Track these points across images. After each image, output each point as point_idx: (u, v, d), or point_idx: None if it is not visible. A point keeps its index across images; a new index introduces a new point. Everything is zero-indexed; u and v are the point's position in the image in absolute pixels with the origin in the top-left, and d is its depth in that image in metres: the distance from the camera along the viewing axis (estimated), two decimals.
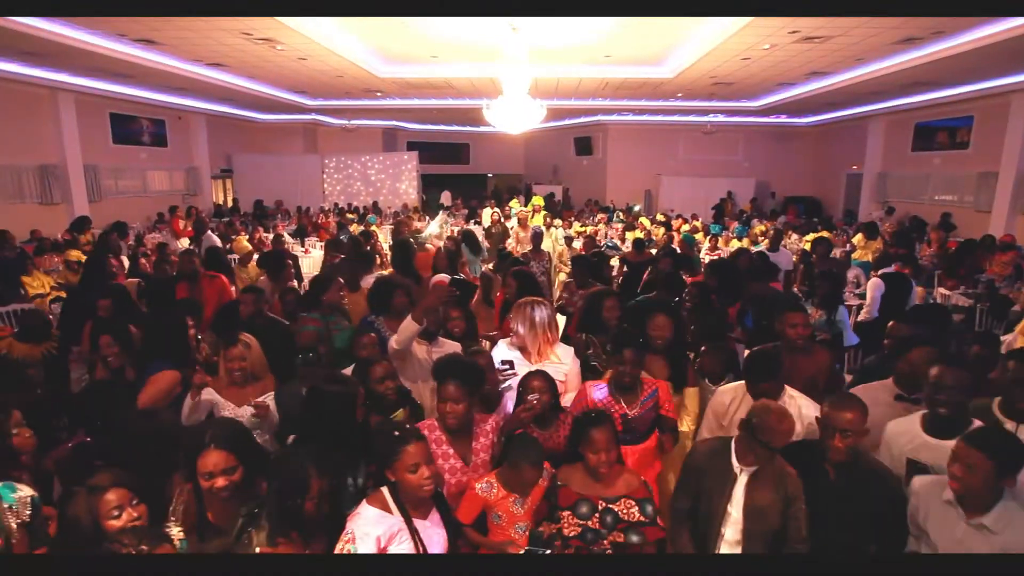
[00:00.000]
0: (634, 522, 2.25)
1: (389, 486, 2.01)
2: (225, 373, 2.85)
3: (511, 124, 8.62)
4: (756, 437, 2.18)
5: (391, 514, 1.96)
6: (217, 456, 1.93)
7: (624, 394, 2.89)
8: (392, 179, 17.94)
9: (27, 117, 10.95)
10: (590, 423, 2.30)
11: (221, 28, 8.02)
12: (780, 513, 2.22)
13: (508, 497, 2.34)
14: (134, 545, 1.49)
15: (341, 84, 12.31)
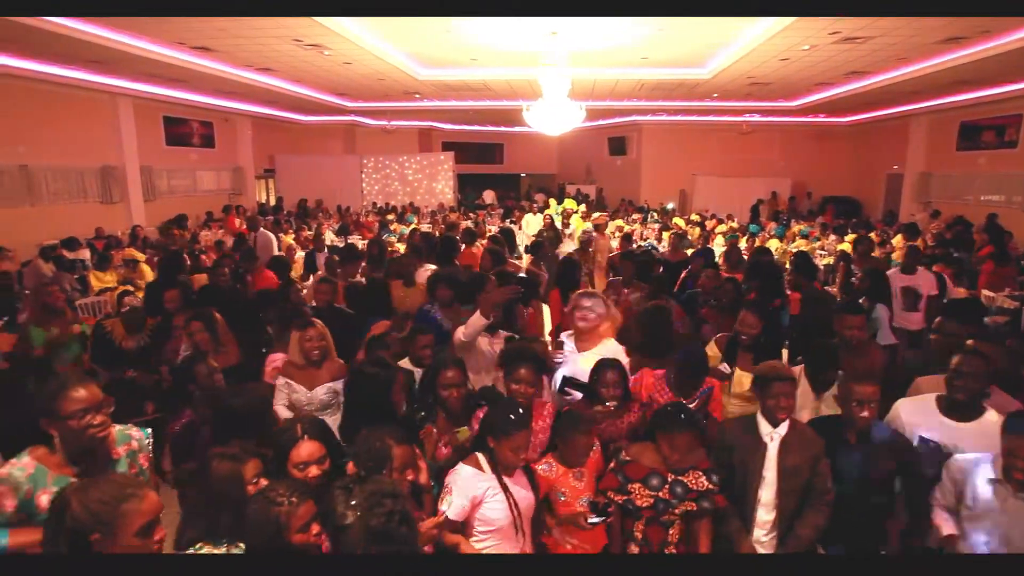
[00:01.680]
0: (703, 490, 2.45)
1: (485, 451, 2.30)
2: (301, 354, 3.10)
3: (550, 126, 8.81)
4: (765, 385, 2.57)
5: (484, 473, 2.27)
6: (311, 446, 2.09)
7: (680, 389, 3.04)
8: (428, 179, 18.29)
9: (90, 121, 11.56)
10: (675, 424, 2.44)
11: (273, 35, 8.39)
12: (809, 469, 2.52)
13: (568, 473, 2.54)
14: (287, 496, 1.70)
15: (382, 87, 12.66)
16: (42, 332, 3.74)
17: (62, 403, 1.83)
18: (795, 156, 18.19)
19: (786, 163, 18.16)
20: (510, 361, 2.78)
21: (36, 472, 1.85)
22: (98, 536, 1.50)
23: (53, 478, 1.86)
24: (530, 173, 23.69)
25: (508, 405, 2.39)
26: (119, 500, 1.53)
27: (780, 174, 17.64)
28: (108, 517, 1.50)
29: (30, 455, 1.87)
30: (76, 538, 1.50)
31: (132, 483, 1.62)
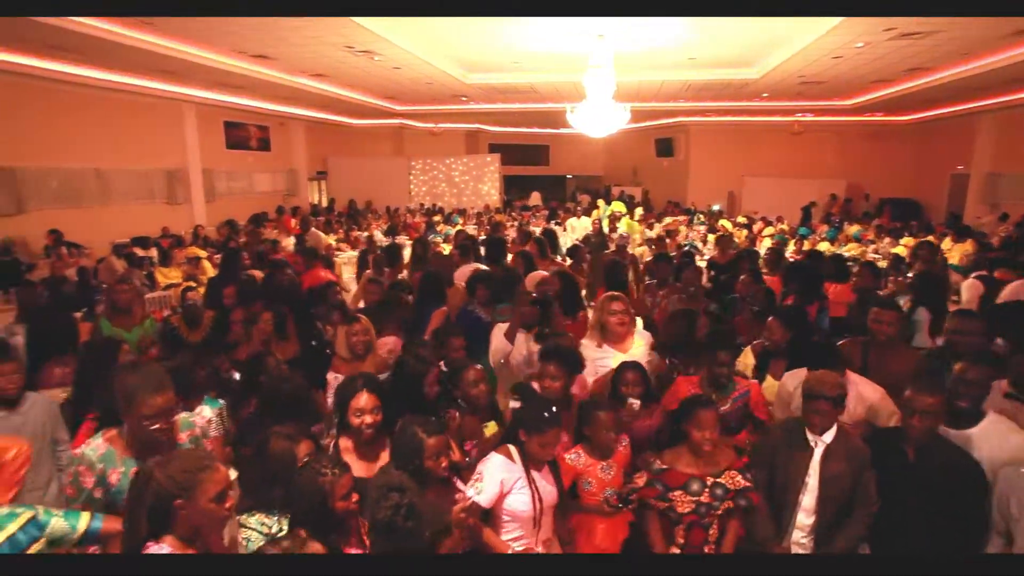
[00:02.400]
0: (740, 489, 2.52)
1: (516, 444, 2.42)
2: (347, 348, 3.29)
3: (594, 128, 8.85)
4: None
5: (515, 464, 2.39)
6: (368, 397, 2.38)
7: (717, 391, 3.09)
8: (475, 180, 18.55)
9: (158, 127, 12.27)
10: (698, 403, 2.56)
11: (326, 42, 8.73)
12: (852, 480, 2.51)
13: (596, 464, 2.64)
14: (330, 468, 1.88)
15: (430, 90, 12.95)
16: (110, 326, 4.05)
17: (140, 405, 2.03)
18: (850, 156, 17.59)
19: (840, 164, 17.58)
20: (543, 358, 2.95)
21: (106, 453, 2.05)
22: (181, 501, 1.68)
23: (122, 459, 2.06)
24: (576, 175, 23.67)
25: (542, 403, 2.49)
26: (198, 469, 1.73)
27: (834, 175, 17.11)
28: (189, 483, 1.69)
29: (103, 436, 2.08)
30: (159, 504, 1.69)
31: (207, 456, 1.83)
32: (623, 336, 3.56)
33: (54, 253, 8.50)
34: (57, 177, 10.36)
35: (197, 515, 1.70)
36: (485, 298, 4.29)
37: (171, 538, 1.69)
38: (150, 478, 1.70)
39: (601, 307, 3.65)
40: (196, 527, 1.73)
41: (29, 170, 9.78)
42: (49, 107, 9.97)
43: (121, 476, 2.04)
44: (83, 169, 10.80)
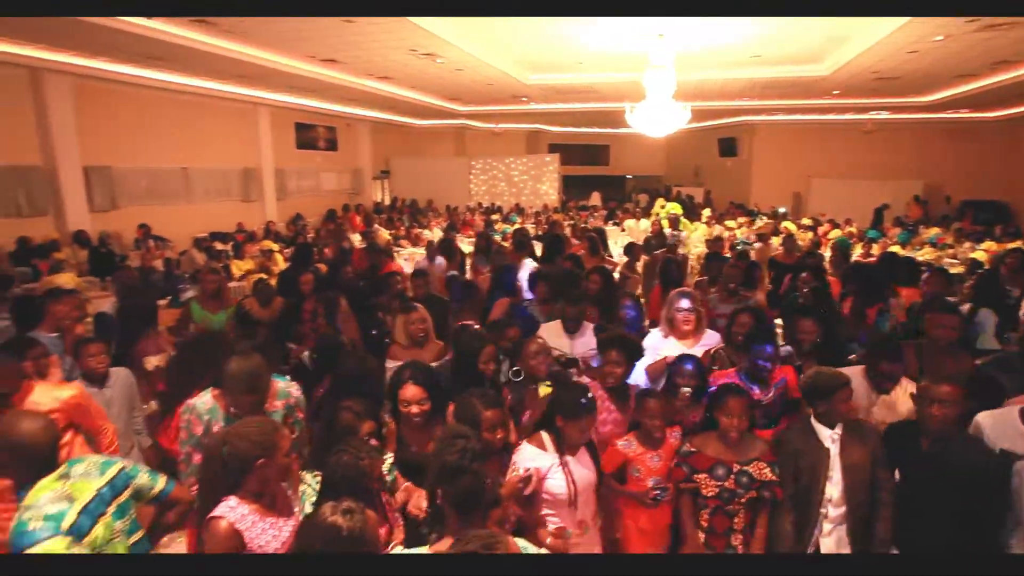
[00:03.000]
0: (766, 481, 2.58)
1: (551, 430, 2.48)
2: (406, 335, 3.48)
3: (654, 128, 8.80)
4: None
5: (546, 452, 2.45)
6: (414, 389, 2.51)
7: (756, 383, 3.16)
8: (534, 180, 18.70)
9: (235, 129, 13.02)
10: (729, 392, 2.65)
11: (391, 46, 9.05)
12: (872, 463, 2.60)
13: (646, 453, 2.74)
14: (368, 454, 2.09)
15: (491, 91, 13.16)
16: (200, 309, 4.44)
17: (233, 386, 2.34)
18: (928, 156, 16.66)
19: (917, 164, 16.66)
20: (603, 346, 3.07)
21: (213, 407, 2.35)
22: (264, 460, 1.90)
23: (223, 415, 2.33)
24: (636, 175, 23.44)
25: (578, 389, 2.57)
26: (273, 431, 1.97)
27: (910, 176, 16.24)
28: (270, 444, 1.92)
29: (211, 394, 2.37)
30: (239, 466, 1.90)
31: (271, 420, 2.05)
32: (688, 333, 3.72)
33: (143, 246, 9.20)
34: (146, 176, 11.18)
35: (274, 469, 1.94)
36: (544, 295, 4.38)
37: (242, 493, 1.91)
38: (226, 444, 1.91)
39: (670, 303, 3.78)
40: (266, 481, 1.94)
41: (122, 170, 10.61)
42: (140, 111, 10.78)
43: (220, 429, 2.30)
44: (170, 169, 11.62)
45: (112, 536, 1.81)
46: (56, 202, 9.53)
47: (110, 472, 1.97)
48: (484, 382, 2.97)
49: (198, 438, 2.34)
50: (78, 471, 1.89)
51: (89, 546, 1.72)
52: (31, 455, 1.81)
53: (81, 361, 3.14)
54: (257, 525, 1.90)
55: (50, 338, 3.41)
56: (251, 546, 1.86)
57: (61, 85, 9.35)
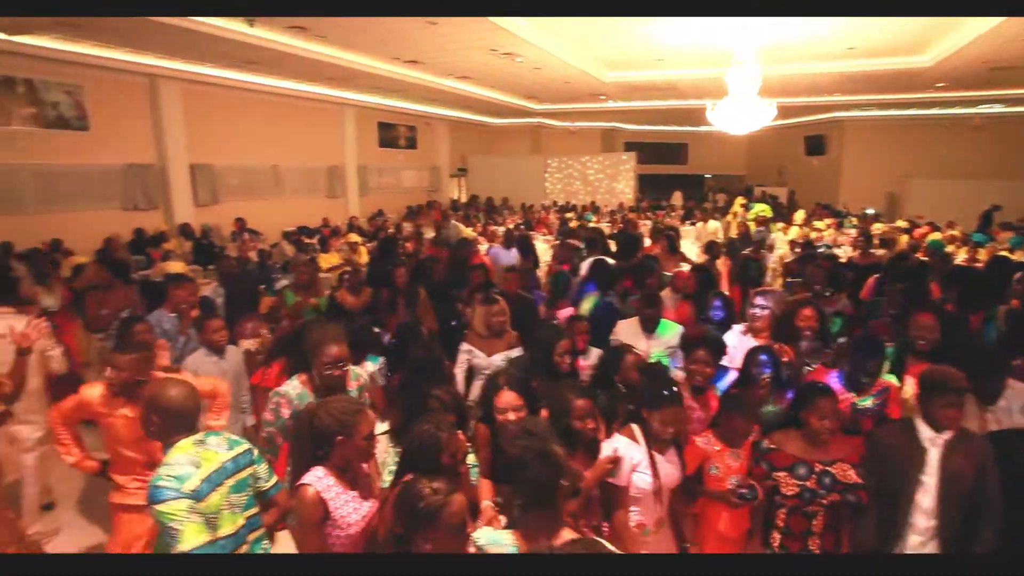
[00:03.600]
0: (850, 484, 2.47)
1: (639, 422, 2.51)
2: (485, 326, 3.59)
3: (736, 125, 8.54)
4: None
5: (637, 443, 2.47)
6: (510, 396, 2.52)
7: (858, 387, 3.05)
8: (609, 179, 18.54)
9: (322, 128, 13.69)
10: (818, 392, 2.56)
11: (472, 46, 9.24)
12: (975, 477, 2.38)
13: (725, 451, 2.70)
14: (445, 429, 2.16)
15: (568, 89, 13.17)
16: (294, 296, 4.75)
17: (320, 354, 2.48)
18: None
19: None
20: (688, 346, 3.07)
21: (302, 392, 2.52)
22: (341, 438, 2.02)
23: (311, 398, 2.50)
24: (715, 174, 22.77)
25: (663, 380, 2.57)
26: (355, 411, 2.07)
27: None
28: (349, 423, 2.03)
29: (298, 379, 2.54)
30: (322, 438, 2.03)
31: (360, 402, 2.20)
32: (763, 331, 3.69)
33: (239, 238, 9.85)
34: (242, 173, 11.97)
35: (351, 450, 2.04)
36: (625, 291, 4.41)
37: (328, 466, 2.04)
38: (314, 416, 2.05)
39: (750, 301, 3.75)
40: (347, 458, 2.06)
41: (222, 167, 11.42)
42: (237, 113, 11.55)
43: None
44: (263, 167, 12.38)
45: (223, 506, 1.97)
46: (166, 197, 10.39)
47: (237, 449, 2.14)
48: (559, 374, 3.02)
49: (284, 421, 2.49)
50: (211, 442, 2.08)
51: (204, 510, 1.89)
52: (177, 418, 2.03)
53: (204, 335, 3.49)
54: (340, 497, 2.03)
55: (170, 318, 3.79)
56: (334, 515, 2.00)
57: (173, 90, 10.17)
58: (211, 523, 1.92)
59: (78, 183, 9.30)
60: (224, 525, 1.98)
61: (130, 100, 9.77)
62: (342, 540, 2.03)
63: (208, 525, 1.90)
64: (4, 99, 8.41)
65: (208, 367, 3.41)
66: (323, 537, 2.01)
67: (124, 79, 9.52)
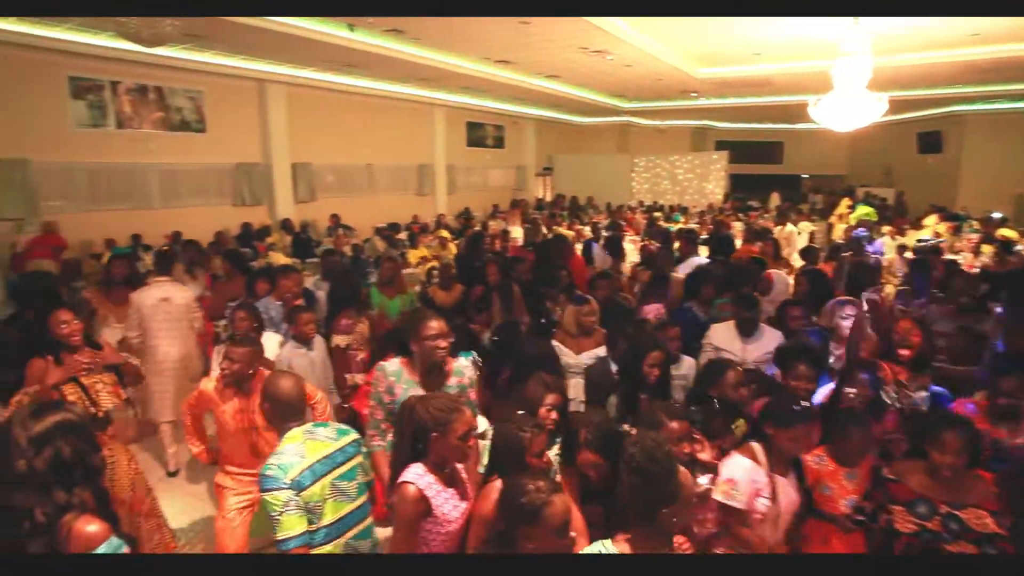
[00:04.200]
0: (987, 534, 2.15)
1: (762, 440, 2.35)
2: (576, 325, 3.59)
3: (841, 122, 8.02)
4: None
5: (760, 466, 2.30)
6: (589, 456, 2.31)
7: (1002, 421, 2.71)
8: (699, 178, 17.99)
9: (413, 128, 14.15)
10: (945, 422, 2.27)
11: (562, 45, 9.24)
12: None
13: (840, 471, 2.47)
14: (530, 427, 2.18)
15: (659, 87, 12.90)
16: (379, 294, 4.91)
17: (422, 328, 2.55)
18: None
19: None
20: (786, 358, 2.88)
21: (399, 370, 2.61)
22: (437, 435, 2.02)
23: (406, 379, 2.59)
24: (813, 174, 21.51)
25: (791, 397, 2.43)
26: (451, 409, 2.06)
27: None
28: (444, 421, 2.02)
29: (398, 360, 2.64)
30: (419, 434, 2.05)
31: (458, 400, 2.19)
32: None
33: (334, 233, 10.35)
34: (338, 171, 12.58)
35: (446, 447, 2.03)
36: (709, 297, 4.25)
37: (425, 462, 2.04)
38: (412, 411, 2.07)
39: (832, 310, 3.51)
40: (444, 456, 2.05)
41: (320, 166, 12.05)
42: (334, 114, 12.15)
43: (403, 392, 2.56)
44: (357, 165, 12.94)
45: (327, 495, 2.05)
46: (270, 194, 11.09)
47: (344, 440, 2.21)
48: (645, 385, 2.89)
49: (381, 395, 2.60)
50: (321, 432, 2.19)
51: (306, 499, 1.97)
52: (286, 406, 2.17)
53: (295, 327, 3.67)
54: (440, 495, 2.03)
55: (276, 306, 4.06)
56: (436, 512, 2.00)
57: (278, 93, 10.84)
58: (314, 512, 2.00)
59: (195, 181, 10.13)
60: (327, 514, 2.04)
61: (241, 103, 10.51)
62: (441, 537, 2.04)
63: (310, 513, 1.98)
64: (138, 105, 9.30)
65: (298, 358, 3.60)
66: (420, 534, 2.02)
67: (237, 84, 10.25)
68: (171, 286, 4.42)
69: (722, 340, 3.66)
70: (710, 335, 3.75)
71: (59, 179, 8.55)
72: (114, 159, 9.04)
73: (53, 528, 1.52)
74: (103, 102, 8.91)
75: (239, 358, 2.80)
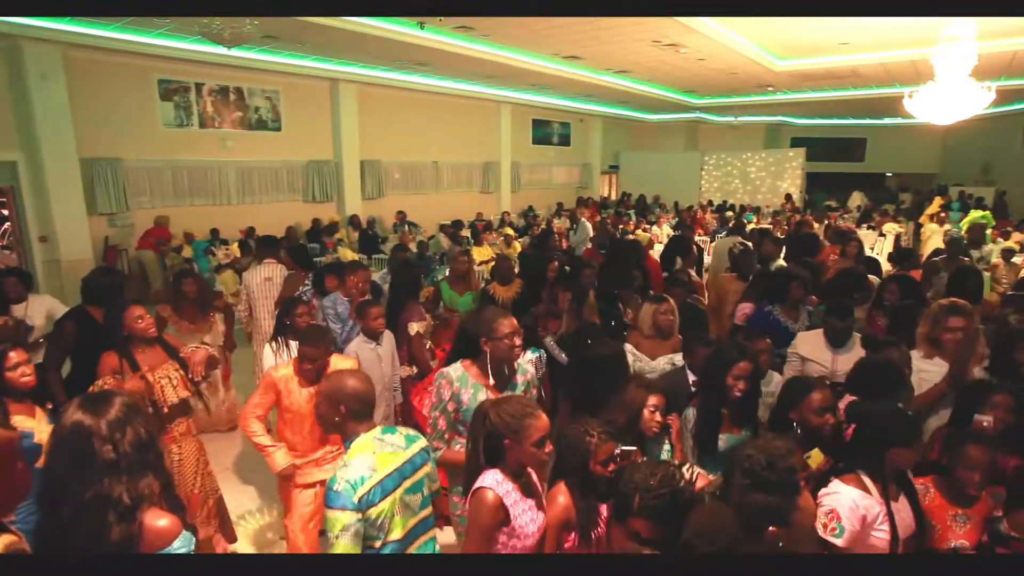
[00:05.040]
0: None
1: (868, 467, 2.05)
2: (652, 325, 3.40)
3: (941, 114, 7.42)
4: None
5: (871, 495, 1.99)
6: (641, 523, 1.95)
7: None
8: (773, 177, 17.19)
9: (479, 125, 14.15)
10: (969, 437, 2.10)
11: (635, 38, 8.96)
12: None
13: (947, 508, 2.15)
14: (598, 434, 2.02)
15: (733, 81, 12.36)
16: (449, 289, 4.85)
17: (497, 327, 2.47)
18: None
19: None
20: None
21: (463, 375, 2.52)
22: (510, 441, 1.89)
23: (471, 383, 2.49)
24: (899, 172, 20.17)
25: (899, 410, 2.14)
26: (525, 415, 1.91)
27: None
28: (517, 427, 1.89)
29: (461, 364, 2.54)
30: (493, 440, 1.92)
31: (532, 404, 2.03)
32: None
33: (400, 229, 10.47)
34: (405, 169, 12.73)
35: (521, 455, 1.90)
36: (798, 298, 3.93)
37: (501, 468, 1.92)
38: (486, 416, 1.94)
39: (936, 318, 3.08)
40: (521, 463, 1.93)
41: (387, 163, 12.23)
42: (403, 112, 12.30)
43: (470, 397, 2.47)
44: (423, 162, 13.07)
45: (396, 511, 1.91)
46: (339, 190, 11.35)
47: (413, 448, 2.05)
48: (726, 399, 2.58)
49: (445, 403, 2.49)
50: (389, 439, 2.02)
51: (374, 516, 1.83)
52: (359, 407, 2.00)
53: (364, 321, 3.65)
54: (519, 504, 1.90)
55: (343, 301, 4.06)
56: (515, 523, 1.88)
57: (349, 92, 11.06)
58: (381, 528, 1.87)
59: (270, 178, 10.48)
60: (394, 529, 1.92)
61: (315, 102, 10.80)
62: (517, 551, 1.91)
63: (376, 530, 1.86)
64: (220, 105, 9.70)
65: (366, 352, 3.56)
66: (495, 547, 1.89)
67: (310, 84, 10.53)
68: (275, 267, 4.92)
69: (810, 350, 3.37)
70: (796, 344, 3.46)
71: (146, 176, 9.02)
72: (196, 156, 9.46)
73: (135, 514, 1.49)
74: (188, 103, 9.35)
75: (315, 355, 2.76)
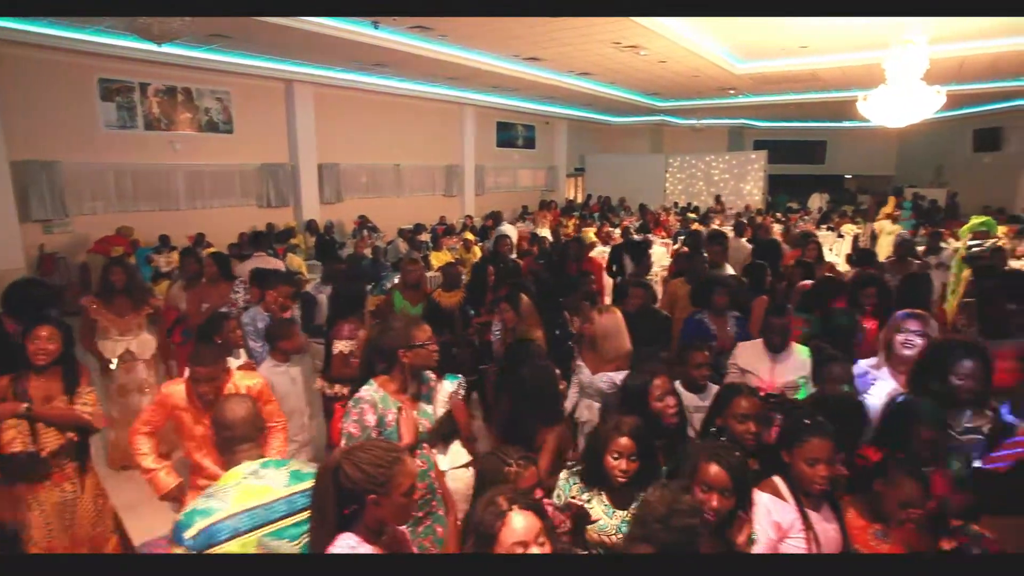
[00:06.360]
0: None
1: (782, 473, 1.98)
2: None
3: (893, 117, 7.49)
4: None
5: (785, 502, 1.93)
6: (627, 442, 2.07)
7: None
8: (736, 179, 17.33)
9: (442, 128, 13.95)
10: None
11: (595, 40, 8.86)
12: None
13: (867, 528, 2.01)
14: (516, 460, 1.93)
15: (695, 84, 12.38)
16: (401, 299, 4.60)
17: (414, 335, 2.36)
18: None
19: None
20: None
21: (383, 396, 2.31)
22: (375, 496, 1.56)
23: (392, 401, 2.30)
24: (857, 174, 20.58)
25: (802, 412, 2.07)
26: (390, 463, 1.59)
27: None
28: (384, 477, 1.56)
29: (375, 383, 2.32)
30: (350, 498, 1.58)
31: (394, 447, 1.71)
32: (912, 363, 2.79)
33: (360, 234, 10.18)
34: (365, 172, 12.45)
35: (388, 510, 1.60)
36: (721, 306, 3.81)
37: (359, 530, 1.59)
38: (337, 470, 1.59)
39: (894, 325, 2.99)
40: (383, 521, 1.62)
41: (347, 167, 11.93)
42: (362, 114, 12.01)
43: (394, 416, 2.28)
44: (385, 165, 12.79)
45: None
46: (296, 195, 11.01)
47: (295, 487, 1.79)
48: (657, 424, 2.40)
49: (369, 430, 2.21)
50: (267, 474, 1.80)
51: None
52: (229, 434, 1.85)
53: (272, 341, 3.34)
54: None
55: (263, 316, 3.69)
56: None
57: (305, 93, 10.75)
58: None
59: (221, 182, 10.10)
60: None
61: (268, 104, 10.46)
62: None
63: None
64: (166, 106, 9.30)
65: (277, 376, 3.22)
66: None
67: (264, 84, 10.20)
68: (263, 260, 5.22)
69: (748, 361, 3.25)
70: (736, 354, 3.34)
71: (88, 181, 8.58)
72: (142, 160, 9.05)
73: None
74: (132, 103, 8.93)
75: (209, 376, 2.50)
